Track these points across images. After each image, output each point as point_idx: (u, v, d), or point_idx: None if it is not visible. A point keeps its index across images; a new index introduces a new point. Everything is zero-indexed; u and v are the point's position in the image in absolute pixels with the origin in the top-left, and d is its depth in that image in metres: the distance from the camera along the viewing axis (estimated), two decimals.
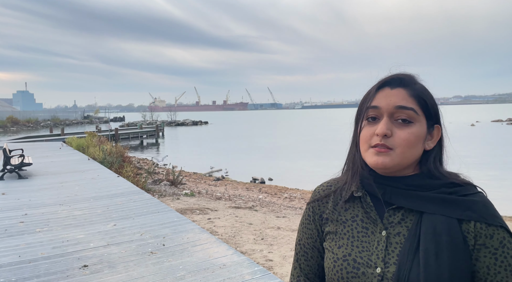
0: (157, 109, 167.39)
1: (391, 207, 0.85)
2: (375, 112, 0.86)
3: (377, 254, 0.84)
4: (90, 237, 4.54)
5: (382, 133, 0.83)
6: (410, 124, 0.83)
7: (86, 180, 8.42)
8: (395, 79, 0.87)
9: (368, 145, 0.86)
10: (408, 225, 0.83)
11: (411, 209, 0.83)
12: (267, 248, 4.90)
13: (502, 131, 35.61)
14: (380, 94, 0.86)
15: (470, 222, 0.80)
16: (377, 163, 0.83)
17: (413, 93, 0.85)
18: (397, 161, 0.83)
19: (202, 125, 68.08)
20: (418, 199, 0.83)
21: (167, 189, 9.87)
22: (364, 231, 0.88)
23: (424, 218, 0.81)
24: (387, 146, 0.83)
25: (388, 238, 0.84)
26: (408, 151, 0.83)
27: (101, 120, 77.03)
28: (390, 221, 0.85)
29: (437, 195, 0.83)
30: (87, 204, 6.20)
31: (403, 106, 0.83)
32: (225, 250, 4.02)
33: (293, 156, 21.38)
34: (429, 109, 0.87)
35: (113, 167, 11.01)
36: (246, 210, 7.67)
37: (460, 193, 0.83)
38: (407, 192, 0.84)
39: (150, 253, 3.98)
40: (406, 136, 0.82)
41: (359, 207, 0.90)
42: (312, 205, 0.98)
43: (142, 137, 32.82)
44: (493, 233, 0.79)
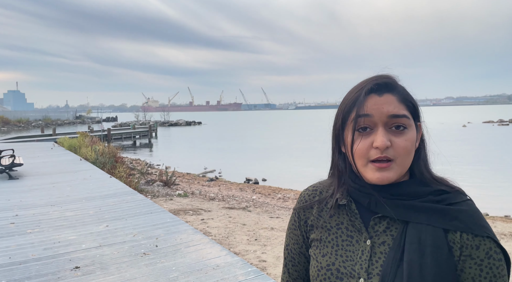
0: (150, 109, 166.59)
1: (376, 215, 0.82)
2: (367, 122, 0.80)
3: (361, 264, 0.81)
4: (82, 238, 4.50)
5: (384, 146, 0.77)
6: (404, 130, 0.80)
7: (78, 181, 8.34)
8: (380, 84, 0.82)
9: (367, 160, 0.80)
10: (393, 234, 0.81)
11: (396, 218, 0.81)
12: (261, 249, 4.89)
13: (493, 132, 36.03)
14: (370, 102, 0.81)
15: (456, 232, 0.78)
16: (382, 180, 0.79)
17: (401, 98, 0.82)
18: (399, 172, 0.80)
19: (195, 126, 67.90)
20: (403, 208, 0.80)
21: (160, 189, 9.82)
22: (349, 239, 0.85)
23: (409, 227, 0.79)
24: (388, 158, 0.78)
25: (373, 247, 0.82)
26: (407, 159, 0.80)
27: (94, 120, 76.47)
28: (375, 229, 0.82)
29: (423, 204, 0.80)
30: (79, 205, 6.14)
31: (396, 114, 0.79)
32: (219, 251, 4.00)
33: (287, 156, 21.41)
34: (416, 111, 0.84)
35: (106, 167, 10.93)
36: (239, 210, 7.66)
37: (447, 201, 0.80)
38: (392, 201, 0.81)
39: (143, 254, 3.95)
40: (404, 144, 0.79)
41: (344, 214, 0.87)
42: (298, 211, 0.95)
43: (135, 138, 32.63)
44: (479, 244, 0.77)
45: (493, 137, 30.42)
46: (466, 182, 12.24)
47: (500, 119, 54.67)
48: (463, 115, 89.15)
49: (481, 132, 35.22)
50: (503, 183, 12.39)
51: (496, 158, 17.99)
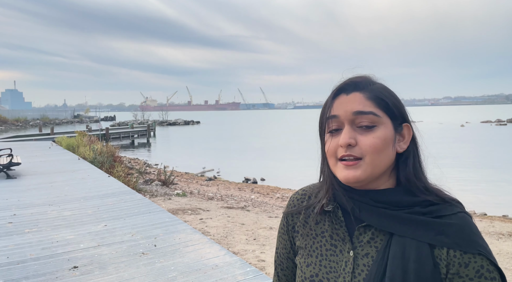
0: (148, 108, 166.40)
1: (361, 225, 0.78)
2: (335, 123, 0.79)
3: (344, 276, 0.78)
4: (80, 237, 4.48)
5: (345, 143, 0.76)
6: (373, 128, 0.77)
7: (76, 180, 8.32)
8: (349, 84, 0.81)
9: (335, 159, 0.79)
10: (378, 246, 0.76)
11: (380, 228, 0.77)
12: (260, 249, 4.89)
13: (491, 132, 36.13)
14: (337, 102, 0.80)
15: (443, 248, 0.72)
16: (348, 178, 0.76)
17: (370, 95, 0.79)
18: (369, 171, 0.76)
19: (194, 125, 67.83)
20: (387, 218, 0.75)
21: (159, 189, 9.81)
22: (332, 249, 0.81)
23: (393, 240, 0.74)
24: (355, 156, 0.76)
25: (356, 259, 0.78)
26: (377, 157, 0.76)
27: (92, 119, 76.33)
28: (359, 240, 0.78)
29: (408, 216, 0.75)
30: (77, 205, 6.12)
31: (360, 111, 0.77)
32: (217, 250, 4.00)
33: (286, 156, 21.42)
34: (390, 108, 0.79)
35: (104, 167, 10.90)
36: (238, 210, 7.65)
37: (436, 213, 0.75)
38: (377, 209, 0.77)
39: (141, 254, 3.94)
40: (371, 142, 0.76)
41: (329, 221, 0.84)
42: (287, 215, 0.92)
43: (133, 137, 32.58)
44: (468, 262, 0.71)
45: (491, 137, 30.49)
46: (464, 182, 12.27)
47: (498, 119, 54.82)
48: (461, 115, 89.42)
49: (479, 132, 35.31)
50: (501, 183, 12.43)
51: (494, 158, 18.03)
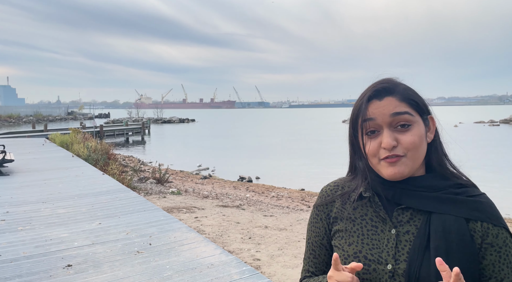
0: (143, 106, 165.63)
1: (399, 207, 0.88)
2: (372, 125, 0.87)
3: (388, 251, 0.86)
4: (74, 236, 4.44)
5: (390, 146, 0.84)
6: (409, 127, 0.86)
7: (70, 178, 8.25)
8: (379, 89, 0.88)
9: (378, 159, 0.87)
10: (417, 224, 0.86)
11: (420, 209, 0.86)
12: (255, 247, 4.88)
13: (485, 132, 36.45)
14: (372, 107, 0.88)
15: (477, 221, 0.84)
16: (394, 174, 0.85)
17: (401, 98, 0.87)
18: (410, 166, 0.86)
19: (189, 123, 67.63)
20: (427, 200, 0.86)
21: (153, 187, 9.76)
22: (373, 229, 0.90)
23: (433, 217, 0.84)
24: (398, 155, 0.85)
25: (398, 236, 0.87)
26: (417, 152, 0.86)
27: (86, 117, 75.82)
28: (399, 220, 0.88)
29: (445, 196, 0.86)
30: (71, 202, 6.07)
31: (397, 112, 0.86)
32: (213, 249, 3.98)
33: (281, 155, 21.44)
34: (420, 106, 0.89)
35: (98, 164, 10.83)
36: (233, 209, 7.64)
37: (467, 194, 0.86)
38: (416, 193, 0.87)
39: (136, 252, 3.92)
40: (411, 139, 0.85)
41: (367, 206, 0.92)
42: (320, 206, 1.00)
43: (127, 134, 32.41)
44: (498, 233, 0.84)
45: (485, 137, 30.76)
46: None
47: (491, 119, 55.28)
48: (454, 115, 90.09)
49: (472, 132, 35.59)
50: (495, 183, 12.54)
51: (488, 158, 18.18)
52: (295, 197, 10.11)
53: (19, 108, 68.55)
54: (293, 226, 6.18)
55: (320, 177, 13.79)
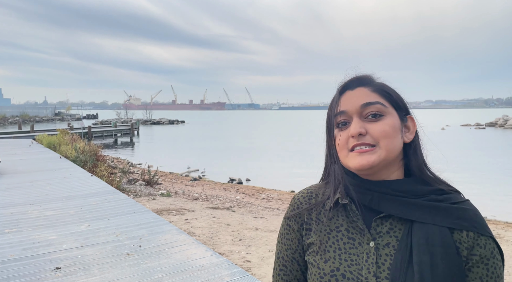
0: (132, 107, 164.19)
1: (378, 216, 0.80)
2: (343, 117, 0.83)
3: (368, 268, 0.78)
4: (63, 238, 4.39)
5: (357, 133, 0.79)
6: (381, 117, 0.81)
7: (58, 179, 8.14)
8: (353, 80, 0.86)
9: (347, 150, 0.81)
10: (397, 235, 0.78)
11: (400, 217, 0.79)
12: (245, 249, 4.89)
13: (471, 135, 37.09)
14: (343, 98, 0.85)
15: (462, 231, 0.77)
16: (362, 164, 0.78)
17: (374, 89, 0.84)
18: (383, 156, 0.79)
19: (178, 125, 67.29)
20: (408, 207, 0.78)
21: (143, 189, 9.70)
22: (350, 242, 0.81)
23: (415, 227, 0.77)
24: (369, 144, 0.79)
25: (377, 249, 0.78)
26: (390, 142, 0.79)
27: (73, 117, 74.86)
28: (377, 231, 0.80)
29: (428, 203, 0.78)
30: (59, 204, 6.00)
31: (368, 102, 0.81)
32: (204, 251, 3.98)
33: (271, 156, 21.48)
34: (395, 100, 0.84)
35: (87, 166, 10.71)
36: (223, 210, 7.63)
37: (450, 201, 0.79)
38: (396, 198, 0.79)
39: (126, 254, 3.89)
40: (382, 128, 0.79)
41: (343, 215, 0.84)
42: (292, 217, 0.91)
43: (116, 136, 32.10)
44: (485, 244, 0.77)
45: (471, 140, 31.31)
46: None
47: (477, 122, 56.28)
48: (441, 118, 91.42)
49: (459, 135, 36.19)
50: (482, 186, 12.77)
51: (475, 161, 18.50)
52: (285, 199, 10.15)
53: (5, 109, 67.39)
54: None
55: (310, 179, 13.82)
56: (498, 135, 37.12)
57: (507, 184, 13.14)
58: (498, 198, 10.91)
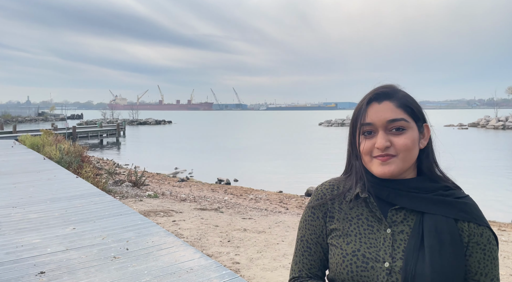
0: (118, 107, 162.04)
1: (393, 207, 0.94)
2: (369, 128, 0.95)
3: (385, 250, 0.92)
4: (47, 241, 4.29)
5: (383, 147, 0.92)
6: (403, 131, 0.93)
7: (41, 181, 7.97)
8: (379, 93, 0.96)
9: (370, 156, 0.95)
10: (410, 224, 0.92)
11: (412, 209, 0.93)
12: (234, 251, 4.87)
13: (454, 135, 37.82)
14: (370, 110, 0.95)
15: (464, 222, 0.92)
16: (384, 172, 0.92)
17: (399, 104, 0.95)
18: (400, 166, 0.93)
19: (165, 125, 66.73)
20: (419, 201, 0.93)
21: (129, 190, 9.57)
22: (370, 228, 0.95)
23: (426, 217, 0.91)
24: (390, 154, 0.92)
25: (393, 235, 0.93)
26: (408, 155, 0.93)
27: (57, 118, 73.53)
28: (393, 220, 0.94)
29: (436, 197, 0.93)
30: (43, 207, 5.87)
31: (394, 119, 0.93)
32: (192, 253, 3.94)
33: (259, 157, 21.48)
34: (416, 114, 0.97)
35: (71, 167, 10.52)
36: (211, 211, 7.59)
37: (455, 195, 0.94)
38: (409, 194, 0.93)
39: (113, 258, 3.83)
40: (403, 142, 0.92)
41: (363, 206, 0.98)
42: (315, 205, 1.04)
43: (102, 136, 31.65)
44: (482, 232, 0.92)
45: (455, 140, 31.91)
46: None
47: (460, 123, 57.40)
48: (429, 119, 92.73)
49: (442, 136, 36.77)
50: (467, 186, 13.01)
51: (459, 161, 18.85)
52: (273, 199, 10.16)
53: None
54: (271, 229, 6.20)
55: (298, 179, 13.92)
56: (480, 135, 37.96)
57: (495, 184, 13.43)
58: (487, 199, 11.13)
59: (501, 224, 8.19)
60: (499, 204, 10.42)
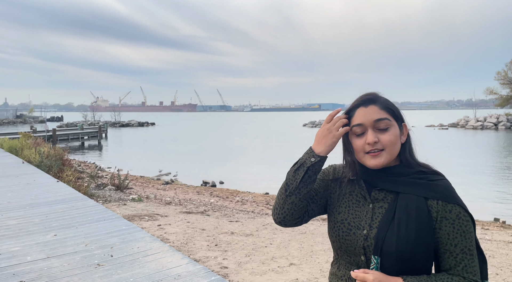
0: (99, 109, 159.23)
1: (376, 188, 1.17)
2: (360, 129, 1.17)
3: (365, 220, 1.16)
4: (27, 249, 4.12)
5: (372, 142, 1.13)
6: (388, 129, 1.15)
7: (20, 186, 7.69)
8: (365, 100, 1.19)
9: (363, 152, 1.16)
10: (389, 201, 1.15)
11: (390, 190, 1.15)
12: (222, 255, 4.79)
13: (435, 135, 38.62)
14: (358, 113, 1.18)
15: (434, 200, 1.10)
16: (376, 164, 1.14)
17: (382, 106, 1.17)
18: (388, 158, 1.15)
19: (148, 127, 65.89)
20: (396, 183, 1.14)
21: (113, 194, 9.36)
22: (357, 203, 1.21)
23: (400, 196, 1.12)
24: (379, 149, 1.14)
25: (373, 209, 1.16)
26: (393, 148, 1.15)
27: (37, 120, 71.75)
28: (375, 198, 1.17)
29: (410, 180, 1.13)
30: (22, 213, 5.65)
31: (379, 118, 1.15)
32: (179, 259, 3.84)
33: (244, 158, 21.39)
34: (396, 114, 1.19)
35: (52, 171, 10.21)
36: (197, 215, 7.48)
37: (428, 179, 1.13)
38: (389, 178, 1.16)
39: (96, 265, 3.69)
40: (388, 138, 1.14)
41: (355, 187, 1.23)
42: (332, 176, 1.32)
43: (83, 139, 31.02)
44: (451, 209, 1.09)
45: (436, 140, 32.57)
46: None
47: (440, 123, 58.68)
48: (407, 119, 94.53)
49: (424, 136, 37.58)
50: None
51: (440, 160, 19.21)
52: (259, 201, 10.10)
53: None
54: (259, 231, 6.14)
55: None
56: (460, 135, 38.88)
57: (478, 184, 13.71)
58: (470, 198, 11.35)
59: (484, 223, 8.34)
60: (482, 203, 10.64)
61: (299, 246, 5.19)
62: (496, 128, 47.19)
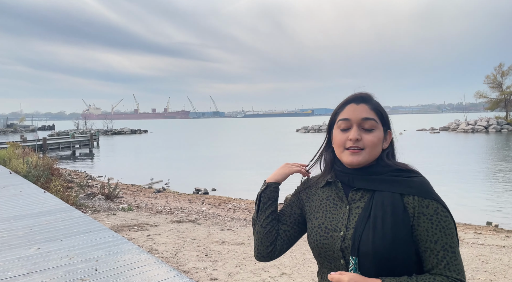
0: (91, 117, 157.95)
1: (353, 189, 1.15)
2: (346, 124, 1.15)
3: (342, 222, 1.13)
4: (8, 264, 3.96)
5: (355, 138, 1.12)
6: (372, 130, 1.13)
7: (6, 197, 7.50)
8: (358, 97, 1.18)
9: (343, 148, 1.15)
10: (366, 200, 1.11)
11: (367, 189, 1.12)
12: (212, 265, 4.66)
13: (427, 139, 38.85)
14: (349, 109, 1.16)
15: (410, 196, 1.07)
16: (352, 161, 1.12)
17: (373, 107, 1.16)
18: (366, 158, 1.13)
19: (141, 134, 65.46)
20: (372, 182, 1.12)
21: (102, 203, 9.17)
22: (334, 206, 1.17)
23: (376, 194, 1.10)
24: (359, 147, 1.12)
25: (350, 210, 1.13)
26: (373, 150, 1.13)
27: (28, 129, 70.99)
28: (353, 198, 1.14)
29: (386, 177, 1.11)
30: (5, 225, 5.47)
31: (367, 117, 1.14)
32: (166, 272, 3.72)
33: (237, 165, 21.26)
34: (384, 118, 1.18)
35: (39, 181, 10.01)
36: (188, 224, 7.34)
37: (404, 176, 1.11)
38: (365, 177, 1.13)
39: (80, 280, 3.55)
40: (371, 139, 1.12)
41: (332, 189, 1.21)
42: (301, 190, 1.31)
43: (74, 147, 30.66)
44: (428, 204, 1.06)
45: (427, 143, 32.75)
46: None
47: (432, 127, 59.13)
48: (399, 123, 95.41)
49: (416, 139, 37.78)
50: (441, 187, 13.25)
51: (433, 163, 19.27)
52: (252, 209, 9.98)
53: None
54: (250, 240, 6.02)
55: None
56: (451, 139, 39.16)
57: (470, 188, 13.74)
58: (463, 202, 11.33)
59: (476, 227, 8.31)
60: (475, 207, 10.63)
61: (291, 254, 5.08)
62: (486, 131, 47.64)
